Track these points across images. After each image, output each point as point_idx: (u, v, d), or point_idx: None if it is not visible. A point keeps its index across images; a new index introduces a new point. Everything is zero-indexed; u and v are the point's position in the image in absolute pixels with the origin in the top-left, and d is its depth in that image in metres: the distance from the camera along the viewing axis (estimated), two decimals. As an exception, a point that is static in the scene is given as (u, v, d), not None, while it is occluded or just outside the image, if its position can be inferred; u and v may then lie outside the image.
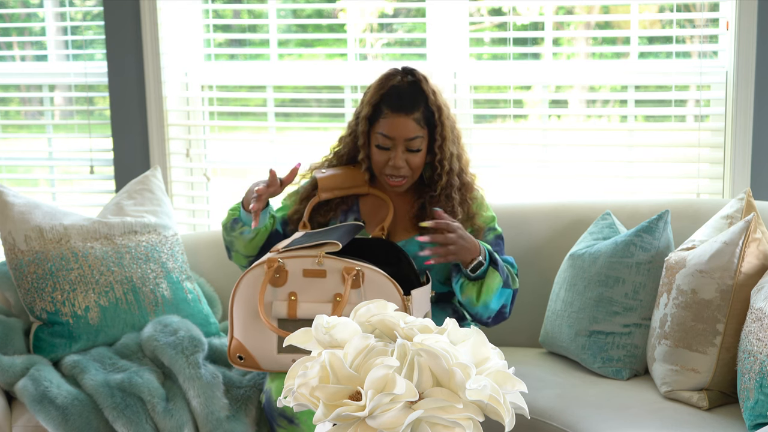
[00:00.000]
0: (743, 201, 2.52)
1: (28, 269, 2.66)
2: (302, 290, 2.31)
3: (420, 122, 2.47)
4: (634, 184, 3.32)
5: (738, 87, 3.08)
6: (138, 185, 2.97)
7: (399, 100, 2.47)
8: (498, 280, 2.44)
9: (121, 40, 3.50)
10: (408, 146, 2.47)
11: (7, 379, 2.51)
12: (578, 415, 2.34)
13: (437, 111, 2.50)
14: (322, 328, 1.53)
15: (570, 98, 3.45)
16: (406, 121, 2.46)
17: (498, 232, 2.59)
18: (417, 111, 2.47)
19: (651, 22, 3.36)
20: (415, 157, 2.49)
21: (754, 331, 2.16)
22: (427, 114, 2.49)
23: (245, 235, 2.56)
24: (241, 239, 2.56)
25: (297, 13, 3.62)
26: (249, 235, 2.55)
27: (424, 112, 2.48)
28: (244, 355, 2.36)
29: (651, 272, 2.57)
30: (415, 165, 2.50)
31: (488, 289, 2.44)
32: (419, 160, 2.50)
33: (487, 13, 3.46)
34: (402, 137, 2.46)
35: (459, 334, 1.50)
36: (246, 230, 2.55)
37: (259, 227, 2.54)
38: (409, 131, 2.46)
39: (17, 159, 3.90)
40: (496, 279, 2.44)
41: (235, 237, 2.57)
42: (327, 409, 1.41)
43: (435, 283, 2.56)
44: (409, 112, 2.46)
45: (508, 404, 1.44)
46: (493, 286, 2.44)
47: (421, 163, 2.52)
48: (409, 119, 2.46)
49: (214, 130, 3.64)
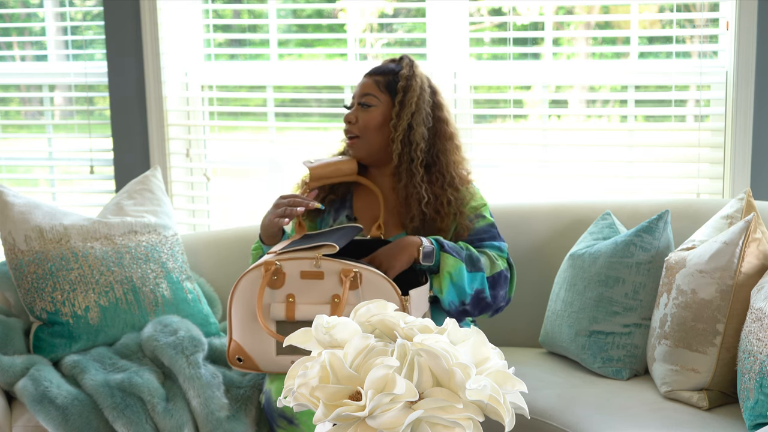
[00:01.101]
0: (743, 201, 2.52)
1: (28, 269, 2.66)
2: (300, 292, 2.31)
3: (380, 84, 2.58)
4: (634, 184, 3.32)
5: (738, 87, 3.08)
6: (138, 185, 2.97)
7: (371, 68, 2.63)
8: (452, 261, 2.43)
9: (121, 40, 3.50)
10: (362, 101, 2.57)
11: (7, 379, 2.51)
12: (578, 415, 2.34)
13: (405, 83, 2.57)
14: (322, 328, 1.52)
15: (570, 98, 3.45)
16: (366, 80, 2.60)
17: (489, 221, 2.59)
18: (381, 75, 2.59)
19: (651, 22, 3.36)
20: (365, 114, 2.56)
21: (754, 331, 2.16)
22: (391, 82, 2.58)
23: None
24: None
25: (297, 13, 3.62)
26: None
27: (390, 80, 2.58)
28: (242, 356, 2.36)
29: (651, 272, 2.57)
30: (364, 122, 2.56)
31: (445, 273, 2.43)
32: (370, 120, 2.56)
33: (487, 13, 3.46)
34: (358, 94, 2.59)
35: (459, 334, 1.50)
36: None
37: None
38: (365, 88, 2.58)
39: (17, 159, 3.90)
40: (449, 260, 2.43)
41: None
42: (327, 409, 1.41)
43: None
44: (373, 74, 2.60)
45: (508, 404, 1.44)
46: (448, 268, 2.43)
47: (372, 124, 2.56)
48: (370, 79, 2.59)
49: (214, 130, 3.64)
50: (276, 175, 3.54)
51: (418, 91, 2.57)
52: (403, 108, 2.55)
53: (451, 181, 2.59)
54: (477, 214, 2.59)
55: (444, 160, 2.61)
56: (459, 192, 2.59)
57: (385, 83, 2.57)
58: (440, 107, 2.64)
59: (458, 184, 2.60)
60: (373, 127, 2.56)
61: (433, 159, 2.60)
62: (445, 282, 2.44)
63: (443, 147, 2.61)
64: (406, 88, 2.56)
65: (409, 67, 2.60)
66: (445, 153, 2.61)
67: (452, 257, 2.44)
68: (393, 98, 2.57)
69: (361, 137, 2.57)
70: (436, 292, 2.46)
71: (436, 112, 2.63)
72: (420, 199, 2.53)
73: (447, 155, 2.62)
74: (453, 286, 2.44)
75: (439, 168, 2.59)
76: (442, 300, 2.46)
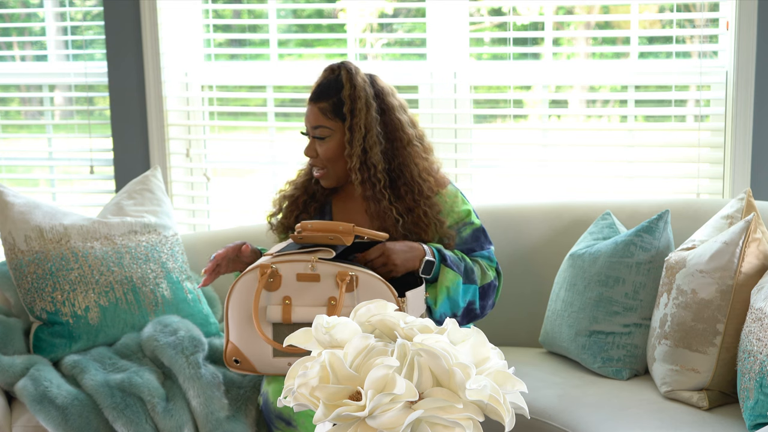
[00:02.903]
0: (743, 201, 2.52)
1: (28, 269, 2.66)
2: (296, 294, 2.31)
3: (326, 112, 2.47)
4: (634, 184, 3.32)
5: (738, 87, 3.08)
6: (138, 185, 2.97)
7: (314, 91, 2.51)
8: (452, 275, 2.43)
9: (121, 40, 3.50)
10: (314, 134, 2.50)
11: (7, 379, 2.51)
12: (578, 415, 2.34)
13: (351, 103, 2.45)
14: (322, 328, 1.52)
15: (570, 98, 3.45)
16: (312, 109, 2.50)
17: (476, 226, 2.54)
18: (324, 101, 2.47)
19: (651, 22, 3.36)
20: (321, 146, 2.50)
21: (754, 331, 2.16)
22: (337, 106, 2.47)
23: None
24: None
25: (297, 13, 3.62)
26: None
27: (335, 103, 2.47)
28: (239, 358, 2.36)
29: (651, 272, 2.57)
30: (324, 155, 2.50)
31: (443, 287, 2.43)
32: (327, 151, 2.49)
33: (487, 13, 3.46)
34: (309, 125, 2.51)
35: (459, 334, 1.50)
36: None
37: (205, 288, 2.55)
38: (312, 119, 2.50)
39: (17, 159, 3.90)
40: (449, 275, 2.43)
41: None
42: (327, 409, 1.41)
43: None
44: (316, 101, 2.49)
45: (508, 404, 1.44)
46: (447, 282, 2.43)
47: (333, 154, 2.49)
48: (315, 107, 2.49)
49: (214, 130, 3.64)
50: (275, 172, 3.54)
51: (365, 109, 2.45)
52: (354, 134, 2.45)
53: (420, 190, 2.48)
54: (463, 222, 2.53)
55: (408, 171, 2.49)
56: (432, 200, 2.50)
57: (331, 109, 2.46)
58: (391, 110, 2.51)
59: (429, 192, 2.50)
60: (333, 158, 2.49)
61: (397, 173, 2.50)
62: (441, 295, 2.44)
63: (403, 157, 2.50)
64: (352, 111, 2.45)
65: (349, 82, 2.46)
66: (407, 163, 2.50)
67: (452, 272, 2.43)
68: (343, 123, 2.47)
69: (327, 169, 2.52)
70: (429, 301, 2.45)
71: (387, 118, 2.50)
72: (396, 220, 2.46)
73: (409, 164, 2.50)
74: (448, 300, 2.44)
75: (404, 181, 2.49)
76: (434, 311, 2.45)
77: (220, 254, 2.44)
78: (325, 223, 2.35)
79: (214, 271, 2.44)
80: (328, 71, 2.51)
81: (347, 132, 2.45)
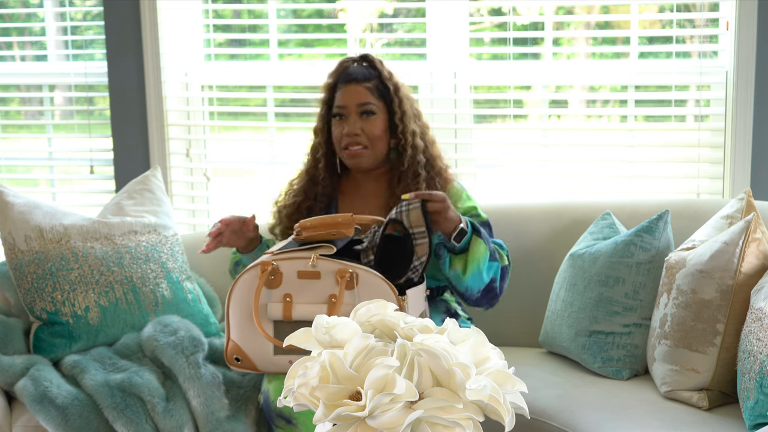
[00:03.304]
0: (743, 201, 2.52)
1: (28, 269, 2.66)
2: (297, 292, 2.31)
3: (373, 92, 2.54)
4: (634, 184, 3.32)
5: (738, 87, 3.08)
6: (138, 185, 2.97)
7: (351, 74, 2.56)
8: (483, 248, 2.43)
9: (121, 40, 3.50)
10: (362, 110, 2.53)
11: (7, 379, 2.51)
12: (578, 415, 2.34)
13: (393, 87, 2.56)
14: (322, 328, 1.52)
15: (570, 98, 3.45)
16: (357, 88, 2.54)
17: (483, 219, 2.60)
18: (369, 81, 2.55)
19: (651, 22, 3.36)
20: (369, 123, 2.53)
21: (754, 331, 2.16)
22: (381, 88, 2.56)
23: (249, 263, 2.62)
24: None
25: (297, 13, 3.62)
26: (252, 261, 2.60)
27: (378, 85, 2.56)
28: (240, 356, 2.36)
29: (651, 272, 2.57)
30: (371, 132, 2.54)
31: (474, 259, 2.43)
32: (376, 129, 2.54)
33: (487, 13, 3.46)
34: (354, 102, 2.54)
35: (459, 334, 1.50)
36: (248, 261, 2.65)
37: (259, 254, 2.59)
38: (361, 96, 2.54)
39: (17, 159, 3.90)
40: (481, 247, 2.43)
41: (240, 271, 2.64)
42: (327, 409, 1.41)
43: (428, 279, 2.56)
44: (361, 80, 2.55)
45: (508, 404, 1.44)
46: (478, 255, 2.43)
47: (380, 133, 2.54)
48: (360, 86, 2.54)
49: (214, 130, 3.64)
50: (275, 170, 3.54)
51: (403, 91, 2.59)
52: (404, 113, 2.55)
53: (439, 172, 2.61)
54: (470, 215, 2.59)
55: (430, 154, 2.61)
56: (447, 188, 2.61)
57: (376, 89, 2.55)
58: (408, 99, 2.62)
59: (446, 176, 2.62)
60: (378, 136, 2.55)
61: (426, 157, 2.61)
62: (472, 265, 2.43)
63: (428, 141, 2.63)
64: (396, 92, 2.56)
65: (385, 68, 2.59)
66: (431, 147, 2.63)
67: (483, 244, 2.44)
68: (388, 104, 2.56)
69: (369, 148, 2.55)
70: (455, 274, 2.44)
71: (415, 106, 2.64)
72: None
73: (431, 149, 2.63)
74: (478, 272, 2.44)
75: (431, 163, 2.60)
76: (462, 282, 2.45)
77: (226, 220, 2.51)
78: (323, 217, 2.36)
79: (216, 238, 2.51)
80: (350, 61, 2.61)
81: (397, 110, 2.55)
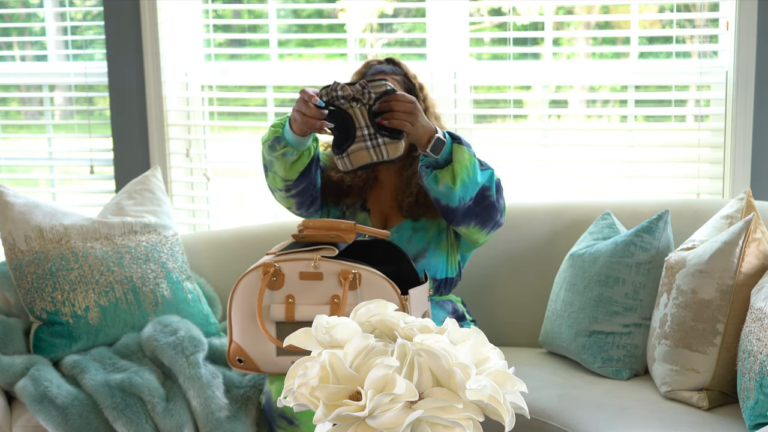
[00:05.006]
0: (743, 201, 2.52)
1: (28, 269, 2.66)
2: (299, 293, 2.31)
3: (401, 84, 2.59)
4: (634, 184, 3.32)
5: (738, 87, 3.08)
6: (138, 185, 2.97)
7: (379, 69, 2.62)
8: (468, 154, 2.39)
9: (121, 40, 3.50)
10: None
11: (7, 379, 2.51)
12: (578, 415, 2.34)
13: (418, 85, 2.64)
14: (322, 328, 1.52)
15: (570, 98, 3.45)
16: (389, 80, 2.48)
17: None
18: (398, 75, 2.62)
19: (651, 22, 3.36)
20: None
21: (754, 331, 2.17)
22: (408, 84, 2.63)
23: (288, 156, 2.43)
24: (283, 161, 2.45)
25: (297, 13, 3.62)
26: (291, 157, 2.44)
27: (405, 81, 2.62)
28: (243, 357, 2.36)
29: (651, 272, 2.57)
30: None
31: (462, 166, 2.38)
32: None
33: (487, 13, 3.46)
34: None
35: (459, 334, 1.50)
36: (289, 152, 2.42)
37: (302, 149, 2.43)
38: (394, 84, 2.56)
39: (17, 159, 3.90)
40: (466, 153, 2.39)
41: (276, 157, 2.45)
42: (327, 409, 1.41)
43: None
44: (391, 73, 2.61)
45: (508, 404, 1.44)
46: (465, 161, 2.38)
47: None
48: (392, 78, 2.58)
49: (214, 130, 3.64)
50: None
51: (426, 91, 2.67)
52: (428, 109, 2.63)
53: None
54: None
55: None
56: None
57: (404, 84, 2.62)
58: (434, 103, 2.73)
59: None
60: None
61: None
62: (461, 173, 2.38)
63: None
64: (420, 89, 2.65)
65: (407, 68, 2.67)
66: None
67: (468, 151, 2.40)
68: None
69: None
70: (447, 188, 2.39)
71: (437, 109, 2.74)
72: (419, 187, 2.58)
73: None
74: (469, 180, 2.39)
75: None
76: (454, 194, 2.40)
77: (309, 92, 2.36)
78: (327, 221, 2.36)
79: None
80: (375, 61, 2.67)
81: (422, 103, 2.61)
